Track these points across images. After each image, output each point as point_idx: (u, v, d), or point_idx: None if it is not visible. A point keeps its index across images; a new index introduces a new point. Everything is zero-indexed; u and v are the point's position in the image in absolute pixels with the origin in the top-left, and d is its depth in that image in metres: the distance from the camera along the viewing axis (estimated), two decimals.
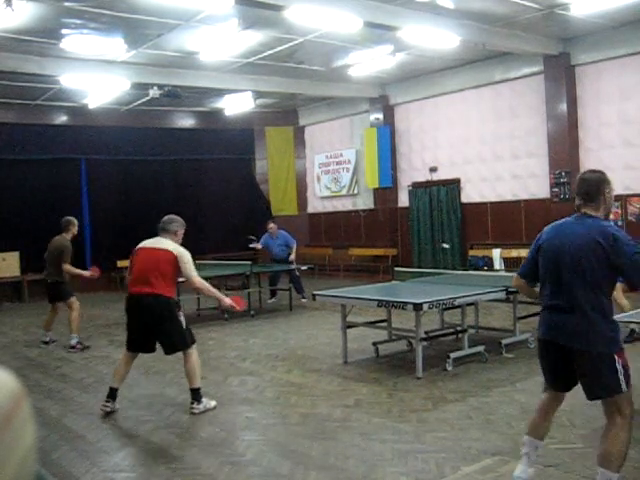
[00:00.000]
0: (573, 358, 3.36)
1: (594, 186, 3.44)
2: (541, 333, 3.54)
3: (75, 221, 8.71)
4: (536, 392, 3.75)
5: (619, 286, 7.69)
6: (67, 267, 8.38)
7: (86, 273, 8.80)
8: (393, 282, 8.86)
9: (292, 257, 12.21)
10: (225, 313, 10.61)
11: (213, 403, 5.59)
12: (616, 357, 3.27)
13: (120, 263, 13.91)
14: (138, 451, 4.76)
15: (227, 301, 5.57)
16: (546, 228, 3.62)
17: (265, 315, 10.86)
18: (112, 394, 5.54)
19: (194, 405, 5.43)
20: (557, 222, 3.59)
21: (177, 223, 5.62)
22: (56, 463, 4.44)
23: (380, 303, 6.55)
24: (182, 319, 5.44)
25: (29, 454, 0.81)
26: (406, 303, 6.14)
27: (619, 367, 3.26)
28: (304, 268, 12.36)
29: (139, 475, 4.31)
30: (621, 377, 3.26)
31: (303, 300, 11.80)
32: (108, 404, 5.50)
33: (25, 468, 0.80)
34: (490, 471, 3.86)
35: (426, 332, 7.24)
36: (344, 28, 9.74)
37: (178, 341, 5.44)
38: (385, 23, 9.63)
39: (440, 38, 10.41)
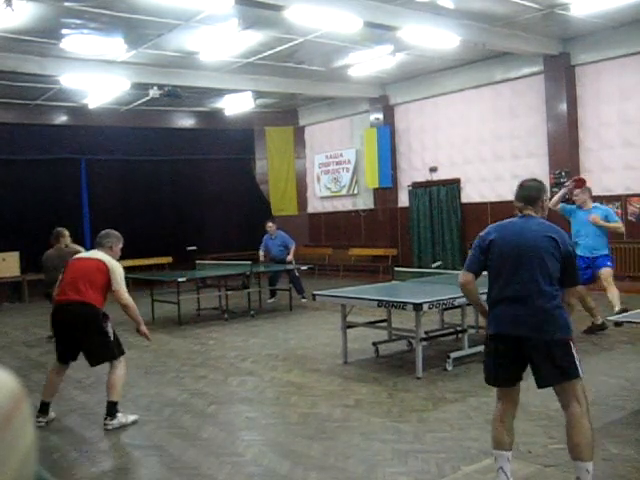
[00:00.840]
0: (526, 350, 3.42)
1: (534, 192, 3.67)
2: (493, 328, 3.54)
3: (64, 232, 8.78)
4: (535, 391, 3.74)
5: (609, 272, 7.71)
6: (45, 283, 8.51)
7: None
8: (393, 282, 8.86)
9: (289, 258, 12.16)
10: (225, 313, 10.62)
11: (132, 418, 5.25)
12: (571, 343, 3.41)
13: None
14: (138, 451, 4.76)
15: (144, 329, 5.48)
16: (491, 226, 3.69)
17: (265, 315, 10.86)
18: (43, 409, 5.28)
19: (107, 421, 5.12)
20: (502, 221, 3.72)
21: (113, 238, 5.56)
22: (56, 463, 4.44)
23: (380, 303, 6.55)
24: (109, 330, 5.28)
25: (29, 454, 0.81)
26: (406, 303, 6.14)
27: (574, 353, 3.39)
28: (304, 268, 12.34)
29: (139, 475, 4.32)
30: (577, 363, 3.38)
31: (303, 300, 11.79)
32: (40, 419, 5.23)
33: (25, 468, 0.80)
34: (490, 471, 3.86)
35: (426, 332, 7.24)
36: (344, 28, 9.74)
37: (103, 352, 5.24)
38: (385, 23, 9.63)
39: (440, 38, 10.41)
